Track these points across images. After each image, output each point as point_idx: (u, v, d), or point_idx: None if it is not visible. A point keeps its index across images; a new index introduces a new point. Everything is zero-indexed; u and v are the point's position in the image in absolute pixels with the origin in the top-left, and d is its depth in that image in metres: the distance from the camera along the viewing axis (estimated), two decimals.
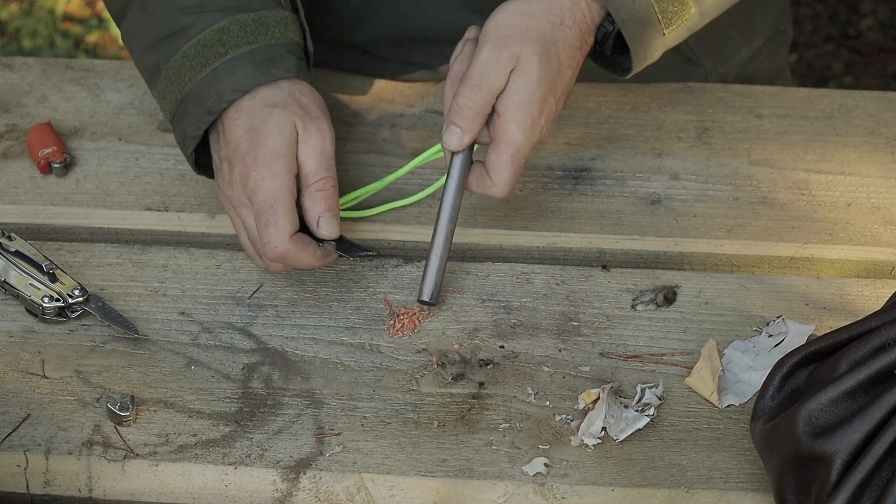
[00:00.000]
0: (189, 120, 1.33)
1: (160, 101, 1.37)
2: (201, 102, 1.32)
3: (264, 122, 1.30)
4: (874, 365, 1.07)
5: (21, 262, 1.34)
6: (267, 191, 1.27)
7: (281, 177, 1.28)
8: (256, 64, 1.32)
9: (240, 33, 1.33)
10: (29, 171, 1.49)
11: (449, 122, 1.30)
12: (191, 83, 1.33)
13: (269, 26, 1.35)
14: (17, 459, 1.21)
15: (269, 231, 1.27)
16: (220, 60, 1.32)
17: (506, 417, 1.25)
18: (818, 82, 3.19)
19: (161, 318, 1.34)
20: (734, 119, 1.58)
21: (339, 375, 1.29)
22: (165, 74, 1.35)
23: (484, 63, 1.27)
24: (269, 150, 1.29)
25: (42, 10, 3.33)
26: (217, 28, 1.33)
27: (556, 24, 1.28)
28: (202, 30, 1.33)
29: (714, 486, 1.19)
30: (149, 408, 1.25)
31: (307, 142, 1.30)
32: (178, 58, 1.34)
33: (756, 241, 1.43)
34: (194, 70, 1.33)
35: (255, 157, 1.29)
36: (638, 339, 1.33)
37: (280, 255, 1.28)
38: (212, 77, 1.32)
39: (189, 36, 1.34)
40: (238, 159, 1.30)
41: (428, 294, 1.33)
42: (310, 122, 1.31)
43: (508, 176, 1.29)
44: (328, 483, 1.20)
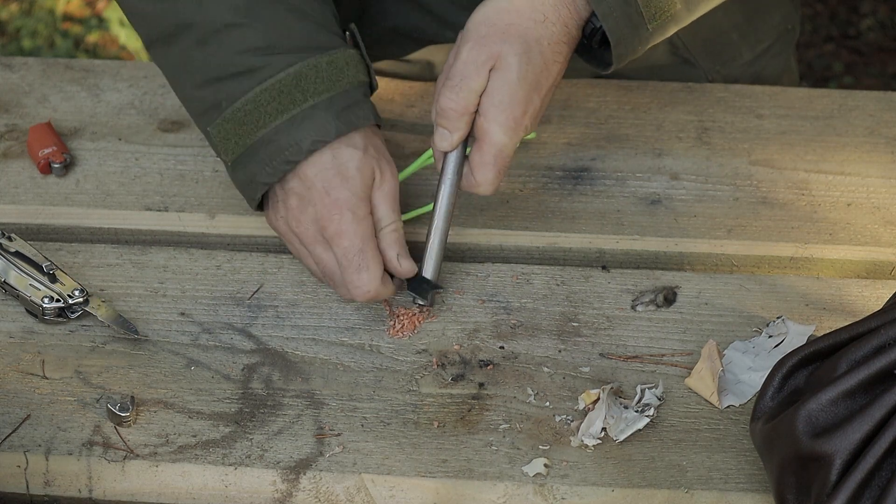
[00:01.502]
0: (260, 167, 1.31)
1: (219, 139, 1.33)
2: (277, 150, 1.30)
3: (346, 166, 1.30)
4: (874, 365, 1.07)
5: (21, 263, 1.34)
6: (354, 236, 1.29)
7: (365, 220, 1.30)
8: (336, 112, 1.30)
9: (316, 79, 1.31)
10: (29, 171, 1.49)
11: (436, 124, 1.30)
12: (264, 129, 1.30)
13: (343, 69, 1.32)
14: (17, 460, 1.21)
15: (361, 276, 1.29)
16: (298, 108, 1.30)
17: (506, 418, 1.25)
18: (818, 82, 3.19)
19: (161, 319, 1.34)
20: (734, 119, 1.58)
21: (338, 376, 1.29)
22: (230, 115, 1.31)
23: (464, 63, 1.27)
24: (353, 194, 1.29)
25: (42, 10, 3.33)
26: (293, 73, 1.30)
27: (539, 20, 1.27)
28: (274, 73, 1.30)
29: (714, 486, 1.19)
30: (149, 408, 1.25)
31: (381, 187, 1.32)
32: (248, 100, 1.31)
33: (756, 241, 1.43)
34: (269, 116, 1.30)
35: (337, 199, 1.29)
36: (638, 340, 1.33)
37: (371, 297, 1.30)
38: (289, 125, 1.30)
39: (259, 78, 1.30)
40: (314, 197, 1.30)
41: (423, 296, 1.34)
42: (385, 166, 1.33)
43: (493, 176, 1.30)
44: (328, 483, 1.20)
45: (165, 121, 1.56)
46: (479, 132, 1.29)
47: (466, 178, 1.31)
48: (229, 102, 1.31)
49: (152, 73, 1.62)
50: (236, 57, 1.31)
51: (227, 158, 1.34)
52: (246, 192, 1.35)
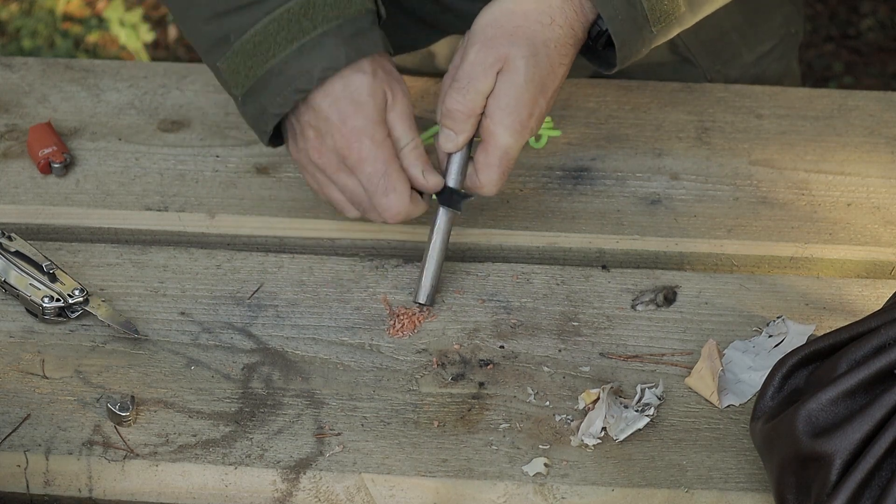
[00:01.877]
0: (270, 97, 1.31)
1: (228, 73, 1.33)
2: (288, 80, 1.29)
3: (358, 92, 1.30)
4: (874, 365, 1.07)
5: (21, 262, 1.34)
6: (376, 160, 1.29)
7: (384, 144, 1.30)
8: (345, 40, 1.29)
9: (324, 7, 1.30)
10: (29, 171, 1.49)
11: (442, 125, 1.30)
12: (274, 59, 1.30)
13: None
14: (17, 459, 1.21)
15: (390, 198, 1.30)
16: (307, 37, 1.29)
17: (506, 417, 1.25)
18: (818, 82, 3.19)
19: (161, 318, 1.34)
20: (734, 119, 1.58)
21: (339, 375, 1.29)
22: (239, 48, 1.31)
23: (471, 65, 1.27)
24: (368, 120, 1.29)
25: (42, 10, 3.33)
26: (300, 1, 1.29)
27: (546, 23, 1.28)
28: (281, 3, 1.29)
29: (714, 486, 1.19)
30: (149, 408, 1.25)
31: (395, 107, 1.32)
32: (257, 31, 1.30)
33: (756, 241, 1.43)
34: (278, 46, 1.29)
35: (354, 127, 1.29)
36: (638, 340, 1.33)
37: (403, 217, 1.32)
38: (298, 54, 1.29)
39: (267, 8, 1.30)
40: (331, 129, 1.30)
41: (424, 296, 1.33)
42: (396, 87, 1.32)
43: (497, 177, 1.30)
44: (328, 483, 1.20)
45: (165, 121, 1.56)
46: (486, 134, 1.29)
47: (470, 178, 1.32)
48: (238, 35, 1.31)
49: (152, 73, 1.62)
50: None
51: (238, 92, 1.34)
52: (258, 125, 1.34)
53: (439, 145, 1.31)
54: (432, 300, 1.34)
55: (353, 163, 1.30)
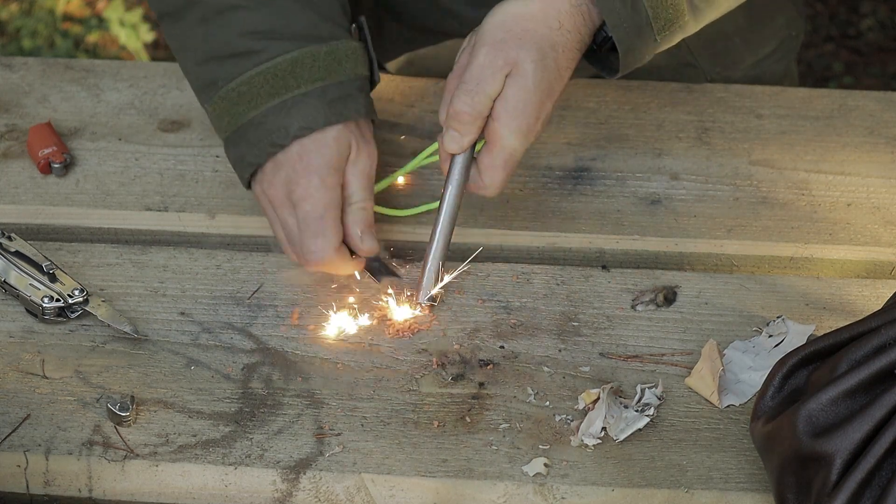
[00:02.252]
0: (249, 147, 1.33)
1: (213, 117, 1.36)
2: (266, 133, 1.31)
3: (324, 136, 1.31)
4: (874, 365, 1.07)
5: (21, 263, 1.34)
6: (318, 202, 1.30)
7: (333, 189, 1.31)
8: (328, 102, 1.31)
9: (312, 67, 1.32)
10: (29, 171, 1.49)
11: (447, 126, 1.30)
12: (256, 111, 1.32)
13: (341, 61, 1.34)
14: (17, 459, 1.21)
15: (317, 241, 1.30)
16: (290, 94, 1.31)
17: (506, 417, 1.25)
18: (818, 82, 3.19)
19: (161, 318, 1.34)
20: (734, 119, 1.58)
21: (338, 375, 1.29)
22: (225, 95, 1.33)
23: (480, 68, 1.27)
24: (324, 160, 1.30)
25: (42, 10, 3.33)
26: (290, 59, 1.32)
27: (555, 27, 1.28)
28: (272, 57, 1.32)
29: (714, 486, 1.19)
30: (149, 408, 1.25)
31: (357, 163, 1.33)
32: (242, 82, 1.32)
33: (756, 241, 1.43)
34: (261, 98, 1.32)
35: (308, 164, 1.30)
36: (638, 340, 1.33)
37: (324, 266, 1.32)
38: (280, 109, 1.31)
39: (256, 61, 1.32)
40: (288, 161, 1.31)
41: (424, 296, 1.34)
42: (363, 144, 1.34)
43: (501, 179, 1.30)
44: (328, 483, 1.20)
45: (165, 121, 1.56)
46: (492, 136, 1.29)
47: (474, 179, 1.32)
48: (225, 81, 1.33)
49: (152, 73, 1.62)
50: (237, 38, 1.33)
51: (222, 136, 1.36)
52: (237, 169, 1.36)
53: (443, 147, 1.31)
54: (433, 301, 1.34)
55: (296, 198, 1.30)
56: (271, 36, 1.32)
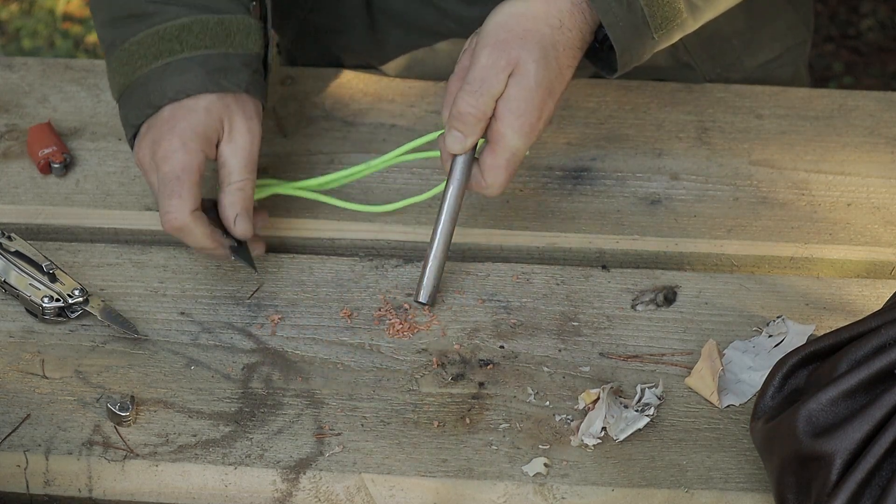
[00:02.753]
0: (131, 108, 1.34)
1: (109, 77, 1.38)
2: (145, 94, 1.33)
3: (196, 103, 1.31)
4: (874, 365, 1.07)
5: (21, 263, 1.34)
6: (176, 163, 1.29)
7: (194, 153, 1.29)
8: (207, 70, 1.32)
9: (200, 34, 1.34)
10: (29, 171, 1.49)
11: (450, 127, 1.30)
12: (140, 71, 1.33)
13: (231, 33, 1.35)
14: (17, 459, 1.21)
15: (171, 202, 1.28)
16: (173, 57, 1.33)
17: (506, 417, 1.25)
18: (818, 82, 3.18)
19: (161, 318, 1.34)
20: (734, 119, 1.58)
21: (339, 375, 1.29)
22: (119, 54, 1.35)
23: (483, 69, 1.27)
24: (190, 126, 1.30)
25: (42, 10, 3.33)
26: (178, 24, 1.34)
27: (556, 26, 1.28)
28: (163, 21, 1.34)
29: (714, 486, 1.19)
30: (149, 408, 1.25)
31: (235, 140, 1.32)
32: (133, 42, 1.34)
33: (756, 241, 1.43)
34: (147, 59, 1.33)
35: (173, 127, 1.30)
36: (638, 339, 1.33)
37: (178, 228, 1.29)
38: (162, 71, 1.32)
39: (150, 23, 1.34)
40: (156, 125, 1.31)
41: (425, 296, 1.33)
42: (241, 120, 1.33)
43: (503, 179, 1.30)
44: (328, 483, 1.20)
45: None
46: (495, 135, 1.29)
47: (475, 179, 1.31)
48: (121, 42, 1.35)
49: None
50: (136, 1, 1.35)
51: (115, 97, 1.38)
52: (125, 130, 1.37)
53: (445, 147, 1.31)
54: (433, 300, 1.34)
55: (157, 158, 1.30)
56: (167, 0, 1.34)
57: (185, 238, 1.31)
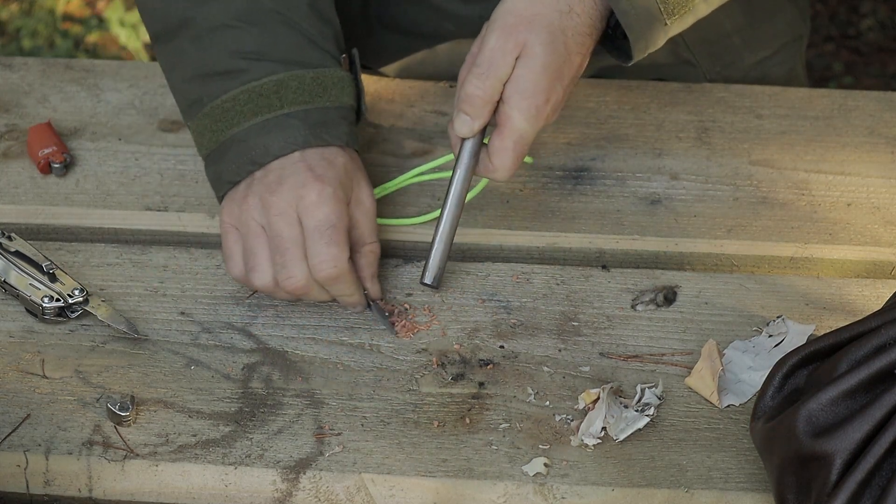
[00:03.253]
0: (227, 164, 1.33)
1: (196, 134, 1.36)
2: (245, 150, 1.31)
3: (335, 157, 1.31)
4: (874, 365, 1.07)
5: (21, 262, 1.34)
6: (333, 210, 1.28)
7: (345, 205, 1.29)
8: (309, 125, 1.32)
9: (297, 90, 1.32)
10: (29, 171, 1.49)
11: (458, 110, 1.30)
12: (237, 128, 1.32)
13: (327, 87, 1.34)
14: (17, 459, 1.21)
15: (331, 250, 1.27)
16: (273, 113, 1.31)
17: (506, 417, 1.25)
18: (818, 82, 3.19)
19: (161, 318, 1.34)
20: (734, 119, 1.58)
21: (339, 375, 1.29)
22: (209, 112, 1.34)
23: (491, 51, 1.27)
24: (338, 179, 1.29)
25: (42, 10, 3.33)
26: (275, 79, 1.32)
27: (565, 11, 1.28)
28: (258, 77, 1.32)
29: (714, 486, 1.19)
30: (149, 408, 1.25)
31: (363, 202, 1.33)
32: (227, 99, 1.33)
33: (756, 241, 1.43)
34: (243, 116, 1.32)
35: (322, 175, 1.29)
36: (638, 339, 1.33)
37: (335, 277, 1.28)
38: (261, 128, 1.31)
39: (242, 80, 1.32)
40: (297, 171, 1.29)
41: (430, 277, 1.33)
42: (365, 183, 1.34)
43: (511, 162, 1.30)
44: (328, 483, 1.20)
45: (165, 121, 1.56)
46: (502, 118, 1.29)
47: (483, 162, 1.32)
48: (210, 99, 1.34)
49: (152, 73, 1.62)
50: (225, 57, 1.34)
51: (202, 154, 1.36)
52: (215, 187, 1.36)
53: (454, 130, 1.31)
54: (439, 282, 1.34)
55: (308, 204, 1.27)
56: (259, 56, 1.33)
57: (336, 285, 1.29)
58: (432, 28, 1.58)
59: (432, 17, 1.57)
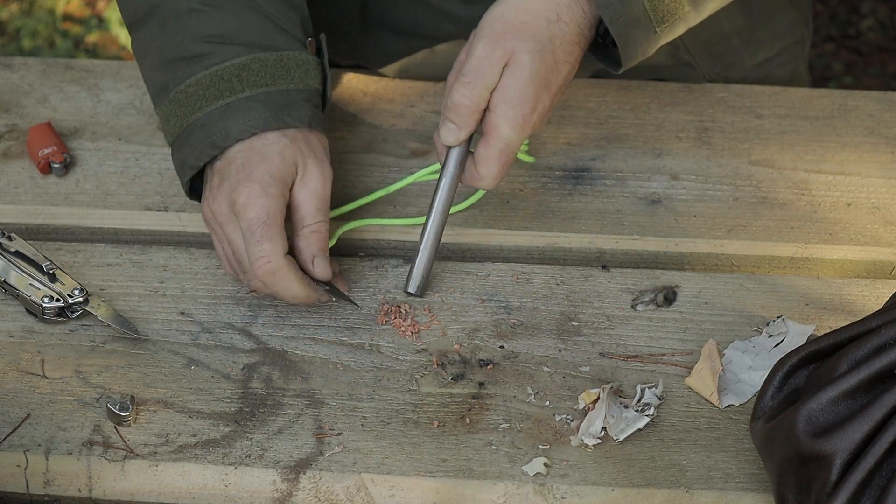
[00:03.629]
0: (190, 150, 1.32)
1: (163, 120, 1.35)
2: (207, 135, 1.31)
3: (268, 147, 1.30)
4: (874, 365, 1.07)
5: (21, 262, 1.34)
6: (261, 208, 1.27)
7: (276, 198, 1.28)
8: (270, 108, 1.31)
9: (259, 73, 1.32)
10: (29, 171, 1.49)
11: (445, 118, 1.30)
12: (199, 112, 1.32)
13: (290, 70, 1.34)
14: (17, 459, 1.21)
15: (263, 246, 1.26)
16: (234, 97, 1.31)
17: (506, 417, 1.25)
18: (818, 82, 3.19)
19: (161, 318, 1.34)
20: (734, 119, 1.58)
21: (339, 375, 1.29)
22: (174, 97, 1.33)
23: (478, 60, 1.27)
24: (268, 172, 1.29)
25: (42, 10, 3.33)
26: (237, 63, 1.32)
27: (553, 20, 1.28)
28: (220, 61, 1.32)
29: (714, 486, 1.19)
30: (149, 408, 1.25)
31: (308, 183, 1.31)
32: (190, 83, 1.32)
33: (756, 241, 1.43)
34: (205, 100, 1.32)
35: (251, 174, 1.28)
36: (638, 339, 1.33)
37: (271, 272, 1.27)
38: (223, 111, 1.31)
39: (206, 64, 1.32)
40: (231, 174, 1.29)
41: (414, 286, 1.34)
42: (313, 162, 1.32)
43: (497, 171, 1.30)
44: (328, 483, 1.20)
45: None
46: (488, 127, 1.29)
47: (469, 171, 1.32)
48: (176, 84, 1.33)
49: None
50: (190, 42, 1.34)
51: (168, 141, 1.36)
52: (180, 174, 1.36)
53: (440, 139, 1.31)
54: (423, 291, 1.34)
55: (238, 207, 1.28)
56: (223, 40, 1.33)
57: (279, 284, 1.28)
58: (432, 29, 1.58)
59: (432, 17, 1.57)
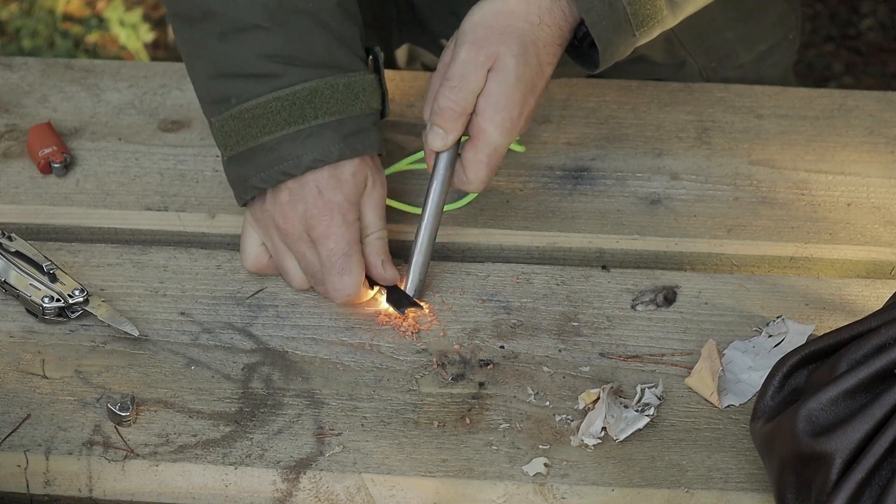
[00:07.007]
0: (256, 170, 1.32)
1: (220, 132, 1.34)
2: (277, 160, 1.31)
3: (342, 170, 1.31)
4: (874, 364, 1.07)
5: (21, 263, 1.34)
6: (341, 239, 1.30)
7: (353, 225, 1.31)
8: (344, 136, 1.31)
9: (331, 99, 1.32)
10: (29, 171, 1.49)
11: (432, 123, 1.30)
12: (269, 136, 1.31)
13: (358, 94, 1.33)
14: (17, 459, 1.21)
15: (343, 280, 1.30)
16: (306, 124, 1.31)
17: (506, 417, 1.25)
18: (818, 82, 3.19)
19: (161, 318, 1.34)
20: (734, 119, 1.58)
21: (339, 375, 1.29)
22: (237, 114, 1.32)
23: (463, 64, 1.27)
24: (346, 199, 1.31)
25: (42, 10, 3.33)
26: (309, 87, 1.31)
27: (535, 23, 1.28)
28: (289, 84, 1.31)
29: (714, 486, 1.19)
30: (149, 408, 1.25)
31: (372, 194, 1.34)
32: (258, 105, 1.31)
33: (756, 241, 1.43)
34: (276, 125, 1.31)
35: (329, 201, 1.30)
36: (638, 340, 1.33)
37: (349, 300, 1.32)
38: (294, 138, 1.31)
39: (274, 86, 1.31)
40: (307, 197, 1.30)
41: (410, 291, 1.34)
42: (376, 175, 1.34)
43: (485, 174, 1.30)
44: (328, 483, 1.20)
45: (165, 121, 1.56)
46: (475, 131, 1.29)
47: (458, 175, 1.32)
48: (239, 101, 1.32)
49: (152, 73, 1.62)
50: (256, 59, 1.32)
51: (225, 153, 1.35)
52: (236, 188, 1.36)
53: (428, 144, 1.31)
54: (418, 295, 1.34)
55: (317, 235, 1.30)
56: (290, 62, 1.32)
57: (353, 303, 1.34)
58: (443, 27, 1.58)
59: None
